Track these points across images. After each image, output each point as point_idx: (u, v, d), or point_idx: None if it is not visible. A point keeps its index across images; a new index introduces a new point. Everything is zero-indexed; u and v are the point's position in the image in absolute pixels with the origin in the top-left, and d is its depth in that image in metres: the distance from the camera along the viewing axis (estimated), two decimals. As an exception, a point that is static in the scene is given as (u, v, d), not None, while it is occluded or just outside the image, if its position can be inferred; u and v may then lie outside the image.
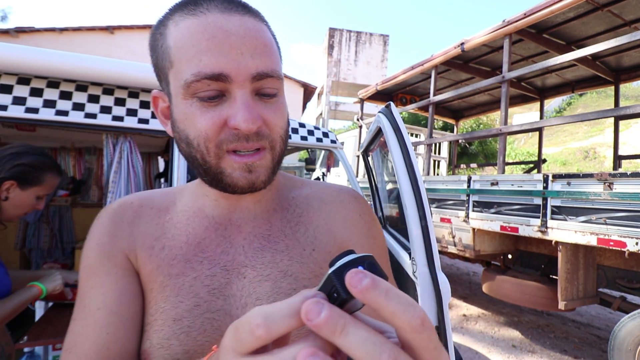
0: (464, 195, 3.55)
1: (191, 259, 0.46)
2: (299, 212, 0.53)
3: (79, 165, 3.02)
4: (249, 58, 0.39)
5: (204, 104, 0.40)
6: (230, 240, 0.48)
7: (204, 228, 0.49)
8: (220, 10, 0.39)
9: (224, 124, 0.40)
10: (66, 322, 1.36)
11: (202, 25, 0.39)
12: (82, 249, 0.51)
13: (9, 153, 1.13)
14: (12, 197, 1.13)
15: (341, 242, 0.52)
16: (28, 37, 9.25)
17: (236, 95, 0.40)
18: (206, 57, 0.38)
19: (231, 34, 0.39)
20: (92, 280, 0.45)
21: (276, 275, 0.47)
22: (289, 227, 0.51)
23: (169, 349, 0.42)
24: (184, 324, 0.43)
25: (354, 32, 15.87)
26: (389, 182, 1.91)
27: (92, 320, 0.43)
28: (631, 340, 2.38)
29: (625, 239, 2.31)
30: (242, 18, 0.40)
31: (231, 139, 0.41)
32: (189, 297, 0.44)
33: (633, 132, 12.81)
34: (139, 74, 1.44)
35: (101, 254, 0.46)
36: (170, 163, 1.54)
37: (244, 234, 0.49)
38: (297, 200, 0.54)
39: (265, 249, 0.48)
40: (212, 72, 0.38)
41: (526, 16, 3.44)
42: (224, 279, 0.46)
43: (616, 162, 4.73)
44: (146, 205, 0.51)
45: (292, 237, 0.50)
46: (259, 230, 0.50)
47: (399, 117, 1.24)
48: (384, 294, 0.20)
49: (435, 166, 7.36)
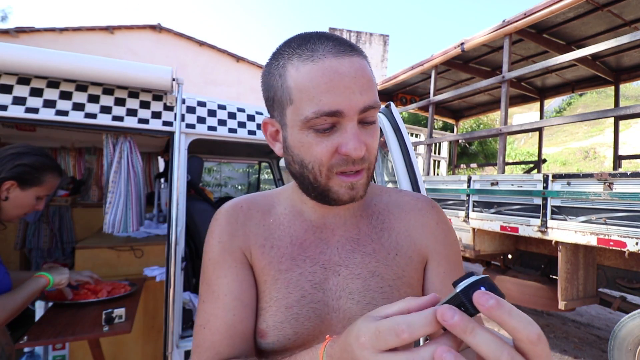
0: (464, 195, 3.55)
1: (296, 257, 0.55)
2: (382, 219, 0.60)
3: (79, 165, 3.01)
4: (358, 95, 0.46)
5: (319, 134, 0.48)
6: (326, 242, 0.57)
7: (304, 230, 0.58)
8: (334, 55, 0.47)
9: (335, 151, 0.48)
10: (66, 322, 1.36)
11: (320, 70, 0.46)
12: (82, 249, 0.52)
13: (9, 153, 1.13)
14: (13, 197, 1.12)
15: (420, 248, 0.59)
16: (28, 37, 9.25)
17: (347, 127, 0.47)
18: (325, 98, 0.45)
19: (344, 75, 0.46)
20: (217, 271, 0.55)
21: (366, 274, 0.55)
22: (374, 232, 0.59)
23: (282, 330, 0.52)
24: (293, 311, 0.52)
25: (354, 32, 15.87)
26: (389, 182, 1.91)
27: (222, 303, 0.53)
28: (631, 340, 2.38)
29: (625, 239, 2.31)
30: (351, 59, 0.47)
31: (341, 163, 0.49)
32: (296, 290, 0.53)
33: (633, 132, 12.80)
34: (139, 74, 1.44)
35: (223, 250, 0.56)
36: (170, 163, 1.54)
37: (337, 237, 0.58)
38: (378, 207, 0.62)
39: (356, 251, 0.57)
40: (330, 110, 0.45)
41: (526, 16, 3.44)
42: (323, 275, 0.55)
43: (616, 162, 4.74)
44: (253, 208, 0.60)
45: (378, 242, 0.58)
46: (349, 234, 0.58)
47: (399, 117, 1.24)
48: (507, 312, 0.27)
49: (435, 166, 7.36)
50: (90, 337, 1.24)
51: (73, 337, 1.19)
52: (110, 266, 1.98)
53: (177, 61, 9.98)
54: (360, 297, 0.54)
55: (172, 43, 10.71)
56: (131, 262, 2.03)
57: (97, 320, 1.28)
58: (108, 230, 1.64)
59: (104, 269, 1.95)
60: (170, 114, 1.57)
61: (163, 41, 10.65)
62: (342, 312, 0.54)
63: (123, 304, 1.41)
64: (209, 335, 0.53)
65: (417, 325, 0.29)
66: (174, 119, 1.56)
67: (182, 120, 1.57)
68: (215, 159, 4.89)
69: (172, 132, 1.54)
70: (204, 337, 0.53)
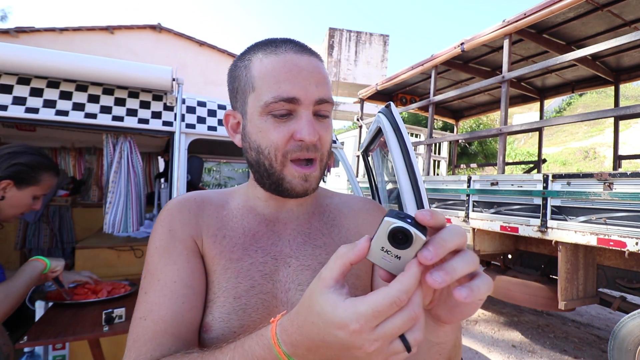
0: (464, 195, 3.55)
1: (248, 248, 0.56)
2: (332, 216, 0.63)
3: (79, 165, 3.02)
4: (314, 87, 0.51)
5: (277, 120, 0.51)
6: (278, 235, 0.58)
7: (257, 223, 0.59)
8: (294, 52, 0.52)
9: (291, 137, 0.51)
10: (66, 322, 1.36)
11: (282, 61, 0.51)
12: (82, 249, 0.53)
13: (6, 152, 1.13)
14: (9, 196, 1.12)
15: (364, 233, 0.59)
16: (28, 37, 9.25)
17: (302, 115, 0.51)
18: (284, 85, 0.50)
19: (303, 68, 0.51)
20: (164, 259, 0.53)
21: (316, 266, 0.56)
22: (325, 227, 0.61)
23: (228, 323, 0.51)
24: (242, 302, 0.52)
25: (354, 32, 15.87)
26: (389, 182, 1.91)
27: (169, 291, 0.51)
28: (631, 340, 2.38)
29: (625, 239, 2.31)
30: (310, 58, 0.53)
31: (295, 149, 0.51)
32: (246, 279, 0.53)
33: (633, 132, 12.80)
34: (139, 74, 1.44)
35: (173, 238, 0.55)
36: (170, 163, 1.54)
37: (289, 230, 0.59)
38: (330, 207, 0.65)
39: (307, 243, 0.58)
40: (288, 96, 0.50)
41: (526, 16, 3.44)
42: (274, 266, 0.55)
43: (616, 162, 4.73)
44: (206, 202, 0.60)
45: (329, 236, 0.60)
46: (301, 228, 0.60)
47: (399, 117, 1.24)
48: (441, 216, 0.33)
49: (435, 166, 7.35)
50: (90, 337, 1.24)
51: (73, 337, 1.19)
52: (110, 266, 1.98)
53: (177, 61, 9.97)
54: None
55: (172, 43, 10.71)
56: (131, 262, 2.03)
57: (97, 320, 1.28)
58: (108, 230, 1.64)
59: (104, 269, 1.95)
60: (170, 114, 1.57)
61: (163, 41, 10.65)
62: (290, 305, 0.54)
63: (123, 304, 1.41)
64: (152, 326, 0.49)
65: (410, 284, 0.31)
66: (174, 119, 1.56)
67: (182, 120, 1.57)
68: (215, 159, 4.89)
69: (172, 132, 1.54)
70: (144, 329, 0.49)
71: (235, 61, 0.57)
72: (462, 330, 3.62)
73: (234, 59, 0.59)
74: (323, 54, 16.21)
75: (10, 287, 1.05)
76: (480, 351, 3.18)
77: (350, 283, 0.56)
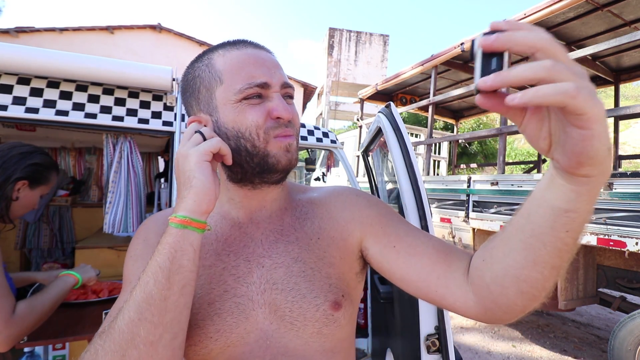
0: (464, 195, 3.55)
1: (220, 253, 0.57)
2: (305, 210, 0.63)
3: (79, 165, 3.01)
4: (278, 74, 0.55)
5: (252, 103, 0.53)
6: (250, 236, 0.58)
7: (230, 227, 0.59)
8: (253, 47, 0.57)
9: (268, 115, 0.53)
10: (66, 322, 1.36)
11: (245, 54, 0.55)
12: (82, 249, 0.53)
13: (18, 153, 1.12)
14: (22, 196, 1.12)
15: (344, 223, 0.61)
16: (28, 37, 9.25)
17: (274, 97, 0.54)
18: (254, 72, 0.53)
19: (265, 60, 0.55)
20: (137, 264, 0.56)
21: (288, 261, 0.56)
22: (297, 222, 0.61)
23: (203, 328, 0.51)
24: (215, 307, 0.52)
25: (354, 32, 15.86)
26: (389, 182, 1.91)
27: None
28: (631, 340, 2.38)
29: (625, 239, 2.31)
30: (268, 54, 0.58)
31: (275, 126, 0.53)
32: (219, 285, 0.54)
33: (633, 132, 12.81)
34: (139, 74, 1.44)
35: (147, 246, 0.57)
36: (170, 163, 1.54)
37: (262, 229, 0.59)
38: (302, 200, 0.65)
39: (279, 241, 0.58)
40: (260, 81, 0.53)
41: (526, 16, 3.44)
42: (246, 268, 0.56)
43: (616, 162, 4.73)
44: None
45: (301, 230, 0.60)
46: (273, 226, 0.60)
47: (399, 117, 1.24)
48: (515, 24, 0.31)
49: (435, 166, 7.35)
50: (90, 337, 1.24)
51: (73, 337, 1.19)
52: (110, 266, 1.98)
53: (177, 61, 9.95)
54: (284, 285, 0.54)
55: (172, 43, 10.72)
56: (131, 262, 2.03)
57: (97, 320, 1.28)
58: (108, 230, 1.64)
59: (104, 269, 1.95)
60: (170, 114, 1.57)
61: (163, 41, 10.65)
62: (268, 306, 0.54)
63: (123, 304, 1.41)
64: None
65: None
66: (174, 119, 1.56)
67: (182, 120, 1.58)
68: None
69: (172, 132, 1.54)
70: None
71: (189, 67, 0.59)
72: (461, 331, 3.62)
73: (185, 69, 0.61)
74: (323, 54, 16.21)
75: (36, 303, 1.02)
76: (480, 351, 3.18)
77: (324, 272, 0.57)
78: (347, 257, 0.60)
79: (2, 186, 1.06)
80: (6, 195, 1.07)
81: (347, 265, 0.60)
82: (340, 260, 0.59)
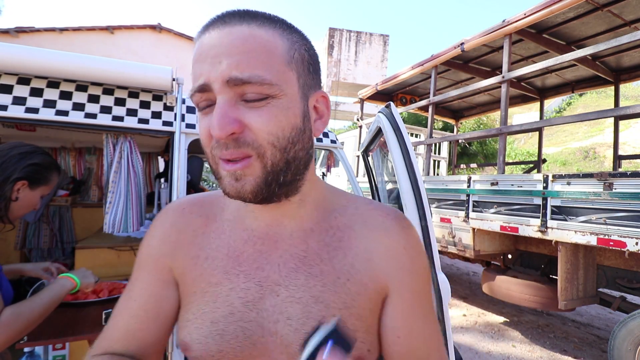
0: (464, 195, 3.55)
1: (229, 271, 0.49)
2: (339, 236, 0.51)
3: (79, 165, 3.02)
4: (224, 66, 0.38)
5: (202, 113, 0.43)
6: (266, 257, 0.50)
7: (244, 242, 0.51)
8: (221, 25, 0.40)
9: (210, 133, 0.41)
10: (67, 322, 1.36)
11: (200, 44, 0.41)
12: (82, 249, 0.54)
13: (18, 153, 1.12)
14: (22, 197, 1.12)
15: (379, 274, 0.50)
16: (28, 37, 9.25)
17: (217, 104, 0.40)
18: (195, 71, 0.41)
19: (214, 46, 0.39)
20: (136, 273, 0.54)
21: (307, 299, 0.47)
22: (326, 251, 0.50)
23: (205, 346, 0.47)
24: (219, 327, 0.47)
25: (354, 32, 15.86)
26: (389, 182, 1.91)
27: (127, 306, 0.52)
28: (631, 340, 2.38)
29: (625, 239, 2.31)
30: (234, 28, 0.39)
31: (217, 147, 0.41)
32: (224, 305, 0.48)
33: (633, 132, 12.80)
34: (139, 74, 1.44)
35: (148, 255, 0.54)
36: (170, 163, 1.54)
37: (280, 251, 0.50)
38: (338, 221, 0.52)
39: (300, 270, 0.48)
40: (198, 85, 0.40)
41: (526, 16, 3.44)
42: (258, 293, 0.48)
43: (616, 162, 4.73)
44: (196, 212, 0.55)
45: (329, 263, 0.49)
46: (294, 249, 0.50)
47: (399, 117, 1.24)
48: None
49: (435, 166, 7.35)
50: (90, 337, 1.24)
51: (73, 337, 1.19)
52: (110, 266, 1.98)
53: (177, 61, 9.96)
54: (299, 324, 0.46)
55: (172, 43, 10.71)
56: (131, 262, 2.03)
57: (97, 320, 1.28)
58: (108, 230, 1.64)
59: (104, 269, 1.96)
60: (170, 114, 1.57)
61: (163, 41, 10.65)
62: (280, 337, 0.47)
63: (123, 304, 1.41)
64: (111, 329, 0.52)
65: None
66: (174, 119, 1.56)
67: (182, 120, 1.58)
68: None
69: (172, 132, 1.54)
70: (107, 327, 0.52)
71: None
72: (461, 331, 3.62)
73: None
74: (323, 53, 16.21)
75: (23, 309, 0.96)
76: (480, 351, 3.18)
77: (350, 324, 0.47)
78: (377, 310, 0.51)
79: (2, 186, 1.06)
80: (5, 195, 1.07)
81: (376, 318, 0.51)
82: (370, 313, 0.50)
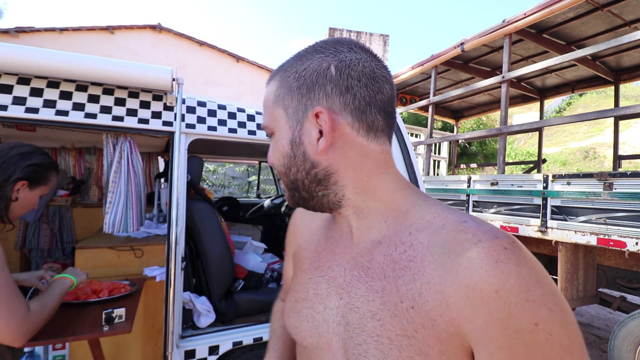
0: (464, 195, 3.55)
1: (312, 263, 0.58)
2: (410, 255, 0.43)
3: (79, 165, 3.02)
4: None
5: None
6: (337, 259, 0.53)
7: (326, 240, 0.58)
8: None
9: None
10: (67, 322, 1.36)
11: None
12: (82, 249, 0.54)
13: (17, 153, 1.13)
14: (21, 197, 1.13)
15: (455, 317, 0.38)
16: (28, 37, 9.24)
17: None
18: None
19: None
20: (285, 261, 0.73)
21: (365, 312, 0.45)
22: (391, 268, 0.44)
23: (290, 317, 0.57)
24: (298, 306, 0.56)
25: (354, 32, 15.86)
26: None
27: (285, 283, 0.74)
28: (631, 340, 2.38)
29: (625, 239, 2.31)
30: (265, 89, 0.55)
31: None
32: (303, 290, 0.57)
33: (633, 132, 12.80)
34: (139, 73, 1.44)
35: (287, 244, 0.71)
36: (170, 163, 1.54)
37: (348, 257, 0.51)
38: (413, 238, 0.44)
39: (362, 280, 0.47)
40: None
41: (526, 16, 3.44)
42: (326, 290, 0.53)
43: (616, 162, 4.74)
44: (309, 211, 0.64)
45: (392, 282, 0.43)
46: (360, 259, 0.49)
47: (399, 117, 1.24)
48: None
49: (435, 166, 7.35)
50: (90, 337, 1.24)
51: (73, 337, 1.19)
52: (110, 266, 1.98)
53: (177, 61, 9.96)
54: (354, 333, 0.45)
55: (172, 43, 10.70)
56: (131, 262, 2.03)
57: (97, 320, 1.28)
58: (108, 230, 1.64)
59: (104, 269, 1.95)
60: (170, 114, 1.57)
61: (163, 41, 10.64)
62: (342, 341, 0.47)
63: (123, 304, 1.41)
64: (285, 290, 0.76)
65: None
66: (174, 119, 1.56)
67: (182, 120, 1.57)
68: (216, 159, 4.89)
69: (172, 132, 1.54)
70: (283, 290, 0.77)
71: None
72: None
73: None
74: (323, 54, 16.17)
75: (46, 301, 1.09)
76: (480, 351, 3.18)
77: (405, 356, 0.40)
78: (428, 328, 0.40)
79: (2, 187, 1.06)
80: (5, 195, 1.08)
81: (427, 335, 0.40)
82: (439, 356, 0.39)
